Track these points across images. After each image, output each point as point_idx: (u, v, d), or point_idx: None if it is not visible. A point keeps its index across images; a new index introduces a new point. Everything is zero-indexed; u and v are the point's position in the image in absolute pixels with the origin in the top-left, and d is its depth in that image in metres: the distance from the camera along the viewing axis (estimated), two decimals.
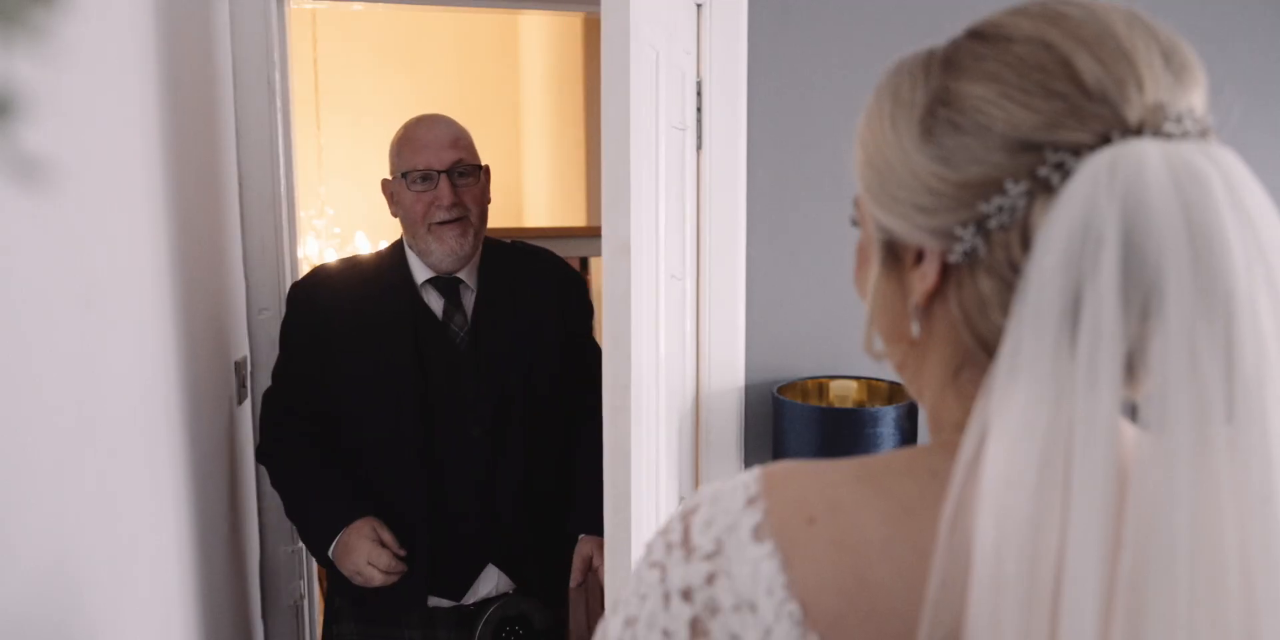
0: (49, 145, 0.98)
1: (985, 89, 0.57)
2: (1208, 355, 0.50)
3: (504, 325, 1.90)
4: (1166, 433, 0.50)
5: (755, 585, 0.59)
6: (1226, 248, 0.50)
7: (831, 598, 0.58)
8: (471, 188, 1.85)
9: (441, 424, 1.86)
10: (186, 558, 1.53)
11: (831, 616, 0.58)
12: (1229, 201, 0.51)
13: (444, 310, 1.90)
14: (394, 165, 1.89)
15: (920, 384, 0.66)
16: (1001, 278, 0.56)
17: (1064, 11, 0.57)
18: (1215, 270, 0.50)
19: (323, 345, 1.87)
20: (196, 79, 1.74)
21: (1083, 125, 0.54)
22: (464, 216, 1.84)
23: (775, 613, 0.58)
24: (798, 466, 0.64)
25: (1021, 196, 0.55)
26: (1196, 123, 0.55)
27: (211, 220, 1.83)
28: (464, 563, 1.89)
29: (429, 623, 1.91)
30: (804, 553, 0.59)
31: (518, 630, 1.90)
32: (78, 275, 1.09)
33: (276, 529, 2.18)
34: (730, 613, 0.59)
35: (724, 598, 0.59)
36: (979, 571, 0.52)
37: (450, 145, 1.84)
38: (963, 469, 0.54)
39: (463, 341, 1.89)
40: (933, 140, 0.59)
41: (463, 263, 1.88)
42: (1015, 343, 0.53)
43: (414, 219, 1.84)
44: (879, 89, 0.64)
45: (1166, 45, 0.56)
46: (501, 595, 1.91)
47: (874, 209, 0.63)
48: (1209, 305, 0.50)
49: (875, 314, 0.67)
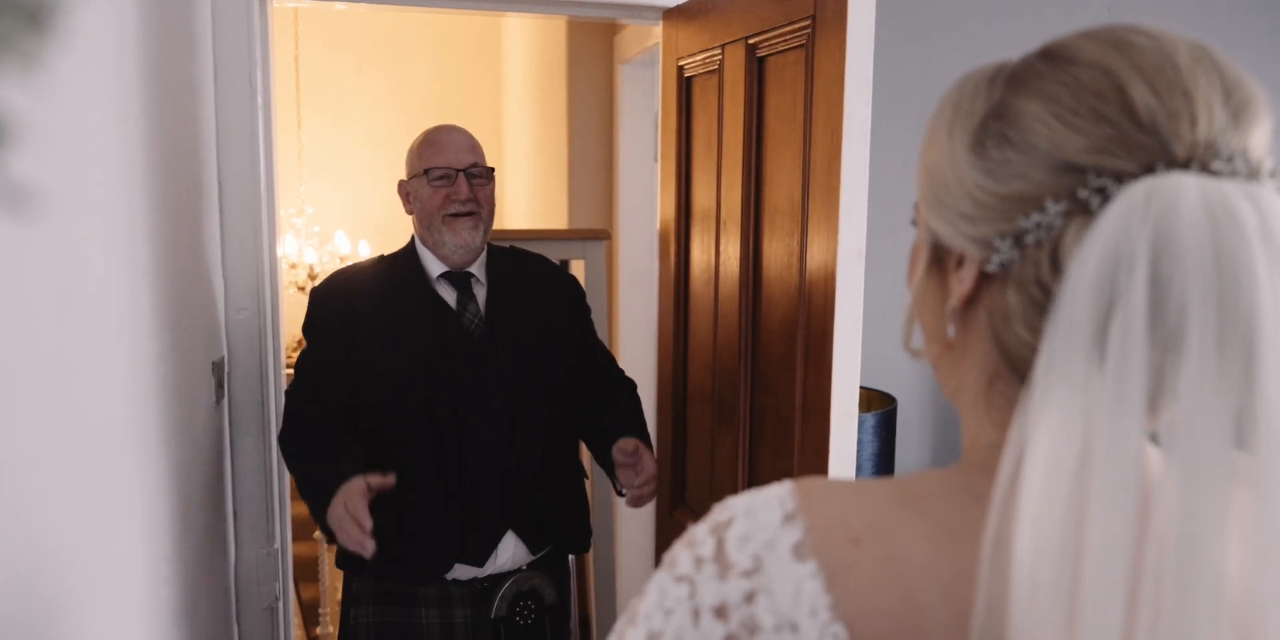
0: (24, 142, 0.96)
1: (1039, 107, 0.58)
2: (1221, 392, 0.50)
3: (516, 314, 2.06)
4: (1179, 464, 0.51)
5: (798, 605, 0.58)
6: (1255, 287, 0.51)
7: (878, 620, 0.58)
8: (484, 188, 2.04)
9: (463, 403, 1.98)
10: (163, 559, 1.51)
11: (877, 639, 0.57)
12: (1263, 243, 0.51)
13: (458, 301, 2.05)
14: (413, 166, 2.07)
15: (955, 386, 0.67)
16: (1027, 293, 0.57)
17: (1131, 39, 0.58)
18: (1240, 308, 0.51)
19: (345, 335, 1.99)
20: (177, 76, 1.73)
21: (1129, 154, 0.55)
22: (476, 212, 2.02)
23: (819, 634, 0.58)
24: (833, 484, 0.64)
25: (1059, 216, 0.56)
26: (1248, 164, 0.55)
27: (190, 218, 1.81)
28: (485, 529, 2.00)
29: (446, 602, 2.01)
30: (849, 574, 0.58)
31: (530, 605, 2.05)
32: (51, 273, 1.08)
33: (252, 531, 2.16)
34: (771, 633, 0.58)
35: (765, 617, 0.59)
36: (1017, 594, 0.52)
37: (469, 150, 2.05)
38: (1002, 490, 0.55)
39: (477, 329, 2.04)
40: (983, 152, 0.60)
41: (474, 256, 2.05)
42: (1048, 361, 0.54)
43: (431, 211, 2.01)
44: (945, 97, 0.66)
45: (1230, 83, 0.57)
46: (516, 570, 2.04)
47: (925, 212, 0.65)
48: (1230, 342, 0.51)
49: (916, 311, 0.68)
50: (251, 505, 2.16)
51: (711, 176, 2.19)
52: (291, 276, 5.89)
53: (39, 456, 1.02)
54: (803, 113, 1.81)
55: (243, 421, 2.14)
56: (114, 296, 1.32)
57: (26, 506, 0.98)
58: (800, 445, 1.84)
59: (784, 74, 1.90)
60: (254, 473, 2.15)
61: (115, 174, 1.33)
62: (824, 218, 1.73)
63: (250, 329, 2.11)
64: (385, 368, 1.98)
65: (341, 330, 1.99)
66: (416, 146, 2.07)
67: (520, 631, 2.04)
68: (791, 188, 1.86)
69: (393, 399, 1.98)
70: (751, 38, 2.00)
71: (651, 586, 0.64)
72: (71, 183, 1.14)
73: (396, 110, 6.71)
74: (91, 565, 1.18)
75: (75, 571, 1.12)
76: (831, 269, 1.70)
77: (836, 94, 1.68)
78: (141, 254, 1.44)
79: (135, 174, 1.42)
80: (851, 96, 1.65)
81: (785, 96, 1.89)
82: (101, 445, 1.24)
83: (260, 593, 2.18)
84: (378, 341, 2.00)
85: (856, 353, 1.70)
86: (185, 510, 1.68)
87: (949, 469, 0.65)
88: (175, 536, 1.59)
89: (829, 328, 1.70)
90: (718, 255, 2.18)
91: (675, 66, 2.39)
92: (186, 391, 1.73)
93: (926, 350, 0.69)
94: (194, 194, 1.85)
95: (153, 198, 1.50)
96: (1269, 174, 0.56)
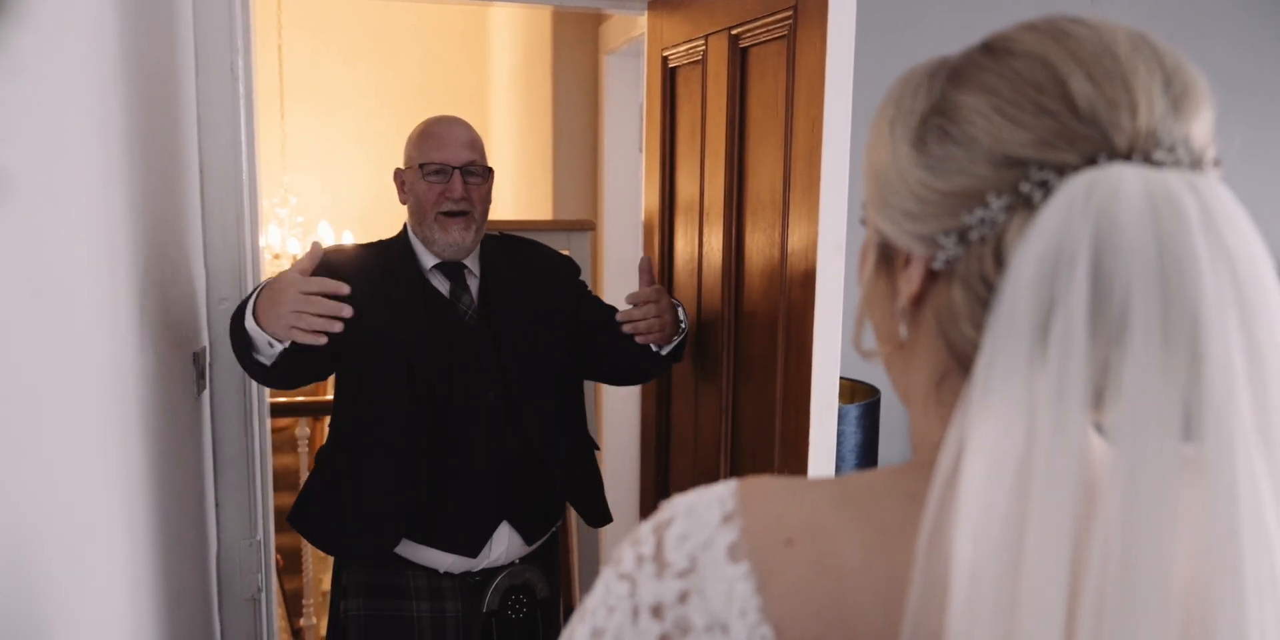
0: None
1: (979, 101, 0.57)
2: (1166, 385, 0.50)
3: (511, 303, 2.04)
4: (1124, 458, 0.50)
5: (729, 606, 0.58)
6: (1198, 279, 0.50)
7: (807, 622, 0.57)
8: (479, 187, 2.00)
9: (458, 390, 1.97)
10: (144, 550, 1.51)
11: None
12: (1205, 233, 0.51)
13: (451, 291, 2.03)
14: (410, 157, 2.03)
15: (906, 386, 0.67)
16: (972, 289, 0.57)
17: (1070, 30, 0.57)
18: (1184, 300, 0.50)
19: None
20: (157, 63, 1.72)
21: (1070, 146, 0.54)
22: (469, 211, 1.98)
23: (748, 635, 0.57)
24: (775, 484, 0.63)
25: (1002, 211, 0.55)
26: (1190, 152, 0.55)
27: (171, 208, 1.80)
28: (479, 521, 1.98)
29: (437, 595, 2.00)
30: (780, 575, 0.58)
31: (522, 599, 2.04)
32: (27, 262, 1.07)
33: (234, 521, 2.15)
34: (702, 633, 0.58)
35: (696, 618, 0.59)
36: (956, 592, 0.52)
37: (467, 146, 2.00)
38: (939, 488, 0.54)
39: (471, 318, 2.02)
40: (925, 148, 0.59)
41: (464, 253, 2.02)
42: (989, 358, 0.53)
43: (424, 207, 1.99)
44: (888, 94, 0.65)
45: (1170, 70, 0.56)
46: (510, 564, 2.03)
47: (872, 211, 0.64)
48: (1173, 334, 0.50)
49: (866, 312, 0.68)
50: (233, 496, 2.15)
51: (695, 167, 2.19)
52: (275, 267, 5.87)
53: (16, 448, 1.01)
54: (784, 104, 1.81)
55: (224, 412, 2.13)
56: (93, 286, 1.31)
57: (4, 499, 0.98)
58: (781, 436, 1.85)
59: (766, 65, 1.90)
60: (236, 464, 2.15)
61: (94, 162, 1.32)
62: (805, 209, 1.73)
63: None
64: (370, 358, 1.96)
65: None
66: (415, 137, 2.04)
67: (512, 625, 2.04)
68: (774, 179, 1.86)
69: (380, 391, 1.96)
70: (734, 28, 2.00)
71: (599, 582, 0.64)
72: (46, 170, 1.13)
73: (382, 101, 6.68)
74: (72, 556, 1.18)
75: (56, 563, 1.11)
76: (812, 260, 1.70)
77: (818, 85, 1.68)
78: (121, 243, 1.43)
79: (115, 163, 1.41)
80: (832, 88, 1.65)
81: (768, 87, 1.89)
82: (81, 436, 1.24)
83: (242, 584, 2.17)
84: (364, 332, 1.94)
85: (837, 345, 1.70)
86: (166, 501, 1.67)
87: (894, 468, 0.64)
88: (156, 527, 1.59)
89: (809, 319, 1.70)
90: (701, 246, 2.18)
91: (660, 57, 2.39)
92: (167, 382, 1.72)
93: (880, 350, 0.69)
94: (175, 183, 1.84)
95: (133, 187, 1.49)
96: (1211, 163, 0.56)
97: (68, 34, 1.22)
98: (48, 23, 1.14)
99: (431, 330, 1.98)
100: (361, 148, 6.63)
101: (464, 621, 2.00)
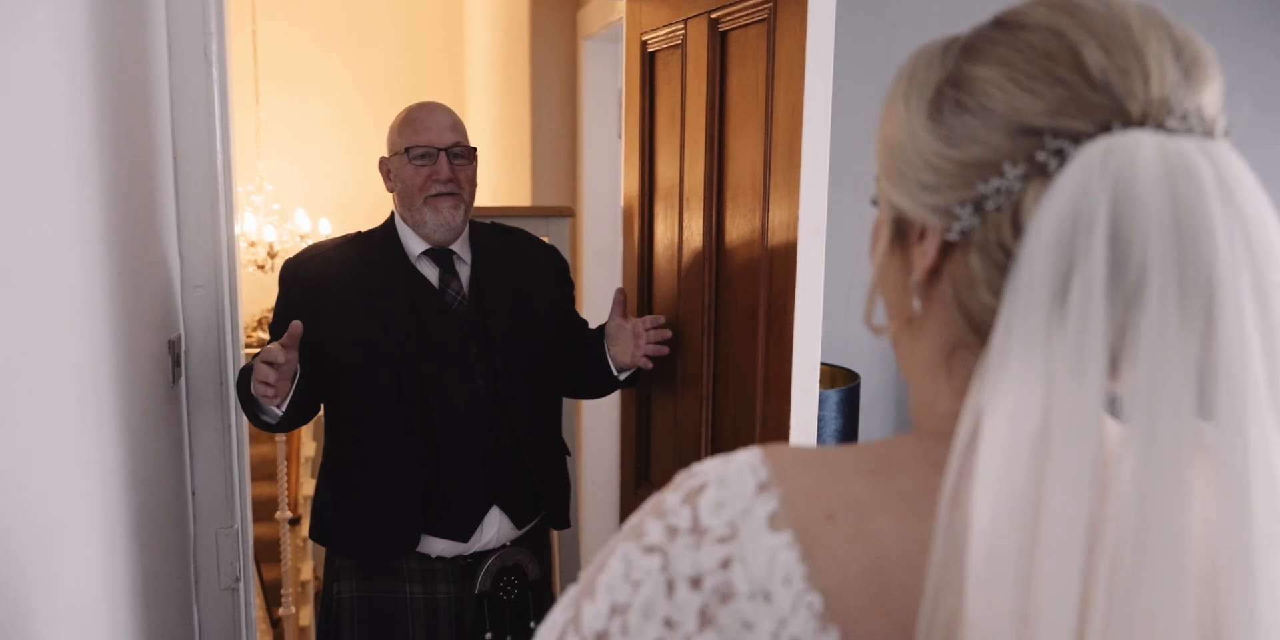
0: None
1: (993, 72, 0.58)
2: (1182, 349, 0.51)
3: (501, 290, 2.06)
4: (1139, 424, 0.51)
5: (771, 574, 0.58)
6: (1213, 244, 0.51)
7: (854, 595, 0.58)
8: (465, 168, 2.03)
9: (446, 378, 1.99)
10: (121, 539, 1.49)
11: (855, 613, 0.58)
12: (1220, 198, 0.52)
13: (440, 278, 2.04)
14: (394, 144, 2.05)
15: (911, 362, 0.68)
16: (990, 257, 0.58)
17: (1081, 3, 0.59)
18: (1199, 265, 0.51)
19: (314, 315, 1.96)
20: (130, 46, 1.69)
21: (1084, 114, 0.55)
22: (457, 192, 2.01)
23: (793, 604, 0.58)
24: (803, 454, 0.64)
25: (1018, 180, 0.56)
26: (1202, 121, 0.56)
27: (144, 195, 1.78)
28: (469, 506, 2.02)
29: (429, 577, 2.03)
30: (825, 548, 0.59)
31: (513, 580, 2.07)
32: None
33: (210, 510, 2.14)
34: (745, 599, 0.58)
35: (740, 584, 0.59)
36: (975, 555, 0.52)
37: (450, 128, 2.03)
38: (958, 457, 0.55)
39: (460, 306, 2.03)
40: (940, 119, 0.60)
41: (455, 234, 2.05)
42: (1007, 324, 0.54)
43: (412, 191, 2.01)
44: (901, 70, 0.66)
45: (1180, 41, 0.57)
46: (500, 547, 2.06)
47: (885, 186, 0.65)
48: (1189, 296, 0.51)
49: (878, 288, 0.69)
50: (211, 485, 2.14)
51: (675, 152, 2.18)
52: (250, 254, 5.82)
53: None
54: (764, 88, 1.80)
55: (200, 401, 2.11)
56: (66, 274, 1.29)
57: None
58: (762, 421, 1.85)
59: (746, 49, 1.90)
60: (212, 453, 2.13)
61: (65, 149, 1.30)
62: (785, 193, 1.72)
63: (207, 307, 2.08)
64: (352, 351, 1.98)
65: (306, 311, 1.97)
66: (398, 124, 2.05)
67: (503, 606, 2.06)
68: (754, 164, 1.85)
69: (365, 383, 1.98)
70: (714, 12, 1.98)
71: (613, 558, 0.63)
72: (16, 157, 1.11)
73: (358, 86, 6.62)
74: (47, 546, 1.16)
75: (30, 553, 1.10)
76: (792, 244, 1.70)
77: (798, 69, 1.67)
78: (94, 231, 1.41)
79: (87, 149, 1.39)
80: (812, 72, 1.65)
81: (748, 72, 1.89)
82: (54, 425, 1.22)
83: (220, 572, 2.16)
84: (345, 325, 1.99)
85: (817, 329, 1.70)
86: (142, 490, 1.66)
87: (909, 438, 0.65)
88: (132, 517, 1.57)
89: (789, 304, 1.70)
90: (681, 232, 2.17)
91: (639, 41, 2.37)
92: (142, 371, 1.70)
93: (889, 326, 0.70)
94: (148, 169, 1.81)
95: (105, 174, 1.47)
96: (1222, 132, 0.57)
97: (35, 18, 1.20)
98: (13, 6, 1.11)
99: (416, 319, 1.99)
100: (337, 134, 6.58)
101: (456, 603, 2.04)
